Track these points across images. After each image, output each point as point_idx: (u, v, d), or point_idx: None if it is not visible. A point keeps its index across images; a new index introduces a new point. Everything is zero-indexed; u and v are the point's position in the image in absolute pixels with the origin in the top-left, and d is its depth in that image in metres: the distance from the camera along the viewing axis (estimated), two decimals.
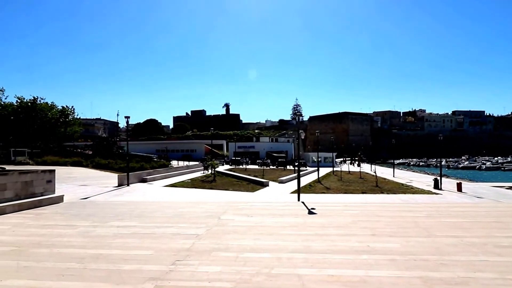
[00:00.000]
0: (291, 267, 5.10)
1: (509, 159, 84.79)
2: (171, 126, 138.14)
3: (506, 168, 62.75)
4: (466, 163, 79.16)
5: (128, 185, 21.67)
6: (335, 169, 45.01)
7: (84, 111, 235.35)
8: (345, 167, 51.26)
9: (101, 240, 6.82)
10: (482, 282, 4.47)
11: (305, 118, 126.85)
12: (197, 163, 42.84)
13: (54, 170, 13.68)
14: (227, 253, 5.84)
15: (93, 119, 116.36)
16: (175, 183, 24.77)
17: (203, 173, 33.07)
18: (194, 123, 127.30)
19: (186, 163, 46.09)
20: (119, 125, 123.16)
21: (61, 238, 6.96)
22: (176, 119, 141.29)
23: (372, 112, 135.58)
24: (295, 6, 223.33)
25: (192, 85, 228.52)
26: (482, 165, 73.05)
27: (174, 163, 44.45)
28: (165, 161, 39.14)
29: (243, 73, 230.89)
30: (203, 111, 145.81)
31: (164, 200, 15.18)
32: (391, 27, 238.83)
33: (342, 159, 73.75)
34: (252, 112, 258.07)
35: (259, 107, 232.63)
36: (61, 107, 53.50)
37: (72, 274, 4.82)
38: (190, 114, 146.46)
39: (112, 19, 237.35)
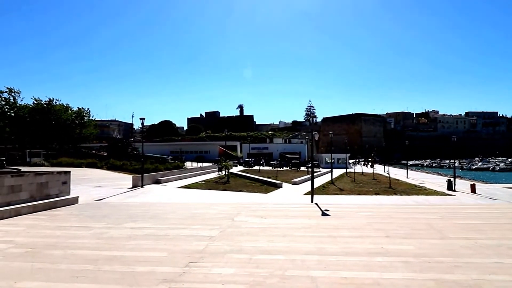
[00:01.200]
0: (305, 269, 5.11)
1: None
2: (185, 127, 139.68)
3: None
4: (479, 164, 77.86)
5: (142, 186, 21.81)
6: (348, 170, 44.53)
7: (99, 112, 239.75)
8: (358, 169, 50.64)
9: (115, 242, 6.89)
10: (496, 285, 4.42)
11: (319, 119, 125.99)
12: (210, 164, 43.02)
13: (69, 172, 13.84)
14: (240, 255, 5.89)
15: (108, 120, 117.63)
16: (188, 184, 24.93)
17: (218, 174, 33.20)
18: (208, 124, 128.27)
19: (199, 164, 46.36)
20: (134, 127, 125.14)
21: (75, 240, 7.05)
22: (190, 120, 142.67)
23: (385, 114, 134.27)
24: (306, 8, 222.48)
25: (206, 87, 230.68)
26: (495, 166, 72.08)
27: (188, 164, 44.75)
28: (179, 163, 39.39)
29: (257, 74, 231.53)
30: (217, 113, 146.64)
31: (178, 201, 15.27)
32: (403, 29, 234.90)
33: (354, 160, 72.83)
34: (266, 113, 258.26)
35: (273, 108, 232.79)
36: (76, 109, 54.62)
37: (86, 276, 4.88)
38: (204, 115, 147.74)
39: (127, 20, 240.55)
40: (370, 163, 66.93)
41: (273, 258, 5.69)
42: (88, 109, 55.89)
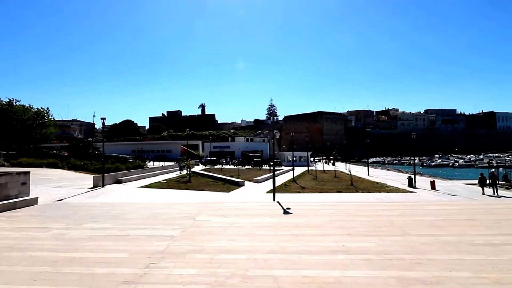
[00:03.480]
0: (267, 269, 5.07)
1: (481, 156, 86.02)
2: (147, 126, 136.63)
3: (478, 166, 63.81)
4: (439, 161, 79.60)
5: (103, 186, 21.30)
6: (310, 168, 45.76)
7: (60, 112, 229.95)
8: (320, 166, 52.15)
9: (74, 243, 6.61)
10: (457, 281, 4.52)
11: (280, 118, 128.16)
12: (172, 163, 42.34)
13: (28, 172, 13.47)
14: (202, 255, 5.74)
15: (69, 120, 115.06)
16: (150, 184, 24.27)
17: (179, 173, 32.61)
18: (170, 123, 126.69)
19: (161, 163, 45.50)
20: (96, 126, 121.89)
21: (34, 241, 6.72)
22: (152, 119, 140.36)
23: (346, 112, 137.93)
24: (269, 7, 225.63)
25: (168, 86, 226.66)
26: (455, 163, 74.11)
27: (150, 163, 43.76)
28: (140, 162, 38.62)
29: (219, 74, 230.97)
30: (179, 112, 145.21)
31: (139, 201, 14.89)
32: (365, 27, 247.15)
33: (316, 158, 75.07)
34: (228, 112, 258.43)
35: (235, 108, 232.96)
36: (36, 109, 52.64)
37: (44, 278, 4.65)
38: (166, 114, 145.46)
39: (90, 21, 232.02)
40: (331, 161, 69.41)
41: (235, 258, 5.61)
42: (47, 108, 53.90)
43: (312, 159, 67.87)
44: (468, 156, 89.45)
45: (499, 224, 8.47)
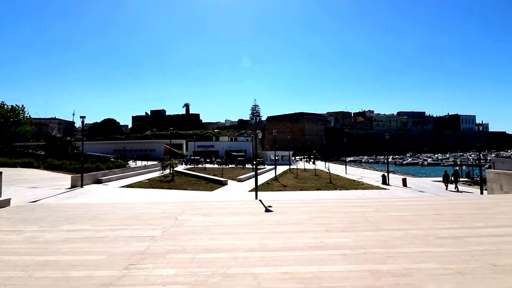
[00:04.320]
0: (247, 266, 5.14)
1: (447, 155, 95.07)
2: (130, 125, 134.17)
3: (445, 164, 68.92)
4: (410, 159, 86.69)
5: (82, 186, 20.89)
6: (291, 167, 46.36)
7: (38, 110, 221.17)
8: (301, 165, 52.85)
9: (49, 246, 6.37)
10: (425, 273, 4.79)
11: (264, 118, 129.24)
12: (155, 162, 41.83)
13: (0, 172, 12.86)
14: (183, 255, 5.74)
15: (47, 118, 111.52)
16: (132, 183, 23.94)
17: (161, 173, 32.24)
18: (153, 123, 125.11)
19: (144, 163, 44.80)
20: (75, 125, 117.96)
21: (4, 245, 6.43)
22: (135, 118, 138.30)
23: (326, 113, 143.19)
24: (253, 10, 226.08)
25: (153, 86, 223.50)
26: (424, 162, 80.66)
27: (132, 163, 42.96)
28: (122, 161, 37.78)
29: (203, 74, 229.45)
30: (163, 111, 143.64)
31: (120, 201, 14.67)
32: (345, 31, 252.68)
33: (298, 157, 76.12)
34: (212, 112, 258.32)
35: (219, 107, 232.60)
36: (10, 106, 50.66)
37: (15, 284, 4.47)
38: (149, 114, 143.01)
39: (72, 19, 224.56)
40: (312, 160, 70.74)
41: (216, 257, 5.64)
42: (22, 106, 51.91)
43: (293, 158, 68.85)
44: (436, 155, 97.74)
45: (462, 218, 8.99)
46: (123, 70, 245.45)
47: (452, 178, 25.42)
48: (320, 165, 57.54)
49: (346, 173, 42.09)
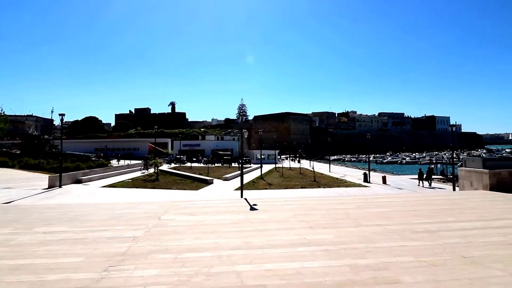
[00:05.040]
0: (231, 265, 5.14)
1: (424, 154, 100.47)
2: (113, 124, 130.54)
3: (422, 162, 72.72)
4: (390, 158, 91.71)
5: (60, 186, 20.24)
6: (277, 165, 46.62)
7: (13, 107, 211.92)
8: (286, 164, 53.24)
9: (23, 249, 6.12)
10: (401, 266, 5.02)
11: (250, 117, 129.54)
12: (139, 162, 41.13)
13: None
14: (165, 255, 5.65)
15: (24, 115, 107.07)
16: (114, 183, 23.44)
17: (142, 172, 31.72)
18: (138, 121, 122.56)
19: (127, 162, 43.97)
20: (54, 123, 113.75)
21: None
22: (118, 117, 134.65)
23: (311, 113, 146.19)
24: (240, 8, 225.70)
25: (138, 84, 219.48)
26: (402, 160, 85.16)
27: (115, 162, 42.06)
28: (104, 160, 36.87)
29: (190, 73, 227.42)
30: (148, 109, 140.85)
31: (101, 201, 14.29)
32: (332, 34, 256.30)
33: (283, 156, 76.73)
34: (199, 111, 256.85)
35: (206, 106, 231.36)
36: None
37: None
38: (133, 112, 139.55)
39: (54, 15, 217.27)
40: (297, 159, 71.40)
41: (200, 256, 5.60)
42: None
43: (279, 157, 69.21)
44: (414, 154, 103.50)
45: (436, 213, 9.40)
46: (107, 68, 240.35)
47: (426, 176, 27.41)
48: (305, 163, 58.24)
49: (330, 171, 42.86)
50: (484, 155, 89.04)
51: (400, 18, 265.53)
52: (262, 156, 46.73)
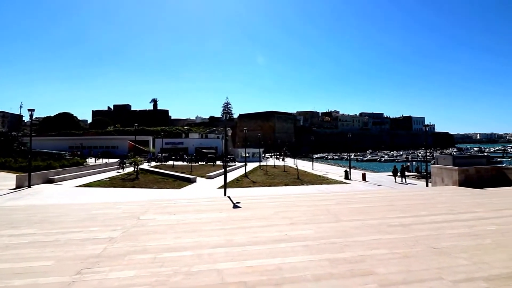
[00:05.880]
0: (211, 263, 5.06)
1: (401, 153, 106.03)
2: (90, 121, 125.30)
3: (399, 160, 76.94)
4: (369, 156, 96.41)
5: (29, 186, 19.28)
6: (262, 163, 46.74)
7: None
8: (271, 162, 53.52)
9: None
10: (376, 258, 5.22)
11: (236, 116, 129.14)
12: (119, 160, 39.98)
13: None
14: (143, 255, 5.47)
15: None
16: (90, 182, 22.65)
17: (118, 172, 30.86)
18: (117, 118, 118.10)
19: (105, 160, 42.69)
20: (23, 119, 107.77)
21: None
22: (96, 113, 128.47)
23: (295, 112, 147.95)
24: (226, 6, 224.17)
25: (118, 80, 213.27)
26: (381, 158, 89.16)
27: (92, 161, 40.73)
28: (79, 159, 35.44)
29: (174, 70, 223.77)
30: (128, 106, 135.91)
31: (75, 202, 13.72)
32: (318, 35, 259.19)
33: (268, 154, 77.10)
34: (183, 108, 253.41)
35: (190, 104, 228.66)
36: None
37: None
38: (112, 108, 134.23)
39: (25, 6, 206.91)
40: (281, 157, 71.91)
41: (180, 255, 5.47)
42: None
43: (264, 155, 69.45)
44: (392, 152, 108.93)
45: (410, 207, 9.83)
46: (84, 63, 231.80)
47: (400, 173, 29.63)
48: (289, 162, 58.74)
49: (313, 169, 43.45)
50: (454, 153, 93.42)
51: (382, 22, 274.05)
52: (247, 154, 46.71)
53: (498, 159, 65.44)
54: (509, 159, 72.19)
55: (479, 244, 5.95)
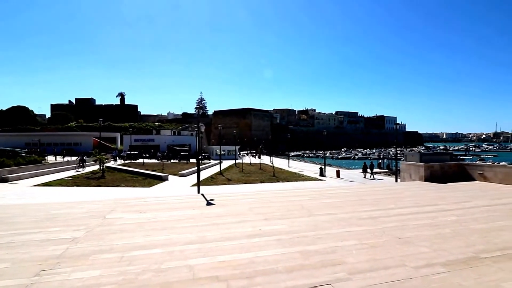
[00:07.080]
0: (183, 259, 4.94)
1: (374, 151, 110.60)
2: (49, 115, 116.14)
3: (371, 158, 79.94)
4: (344, 154, 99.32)
5: None
6: (237, 161, 46.60)
7: None
8: (247, 160, 53.54)
9: None
10: (346, 249, 5.46)
11: (210, 112, 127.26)
12: (78, 157, 38.03)
13: None
14: (110, 255, 5.22)
15: None
16: (50, 181, 21.28)
17: (77, 171, 29.22)
18: (79, 113, 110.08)
19: (67, 158, 40.49)
20: None
21: None
22: (55, 107, 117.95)
23: (272, 109, 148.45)
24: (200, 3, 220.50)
25: (79, 72, 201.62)
26: (355, 156, 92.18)
27: (51, 158, 38.45)
28: (37, 156, 33.12)
29: (143, 64, 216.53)
30: (92, 100, 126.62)
31: (33, 202, 12.88)
32: (295, 33, 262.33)
33: (244, 152, 76.98)
34: (153, 104, 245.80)
35: (162, 100, 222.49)
36: None
37: None
38: (74, 102, 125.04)
39: None
40: (257, 155, 72.06)
41: (149, 253, 5.28)
42: None
43: (240, 153, 69.20)
44: (365, 150, 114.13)
45: (379, 201, 10.28)
46: (43, 54, 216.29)
47: (369, 169, 31.87)
48: (266, 159, 59.04)
49: (289, 166, 44.01)
50: (422, 151, 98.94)
51: (362, 21, 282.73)
52: (222, 152, 46.30)
53: (461, 157, 70.17)
54: (471, 157, 77.57)
55: (439, 233, 6.37)
